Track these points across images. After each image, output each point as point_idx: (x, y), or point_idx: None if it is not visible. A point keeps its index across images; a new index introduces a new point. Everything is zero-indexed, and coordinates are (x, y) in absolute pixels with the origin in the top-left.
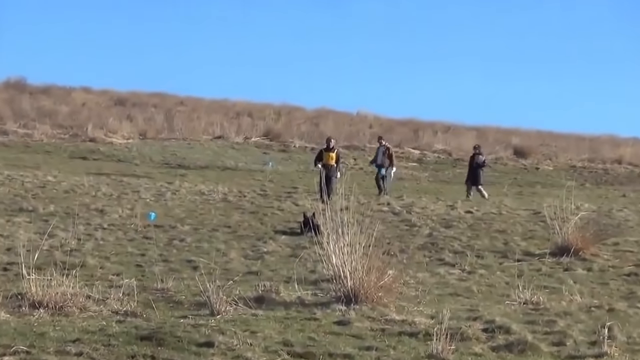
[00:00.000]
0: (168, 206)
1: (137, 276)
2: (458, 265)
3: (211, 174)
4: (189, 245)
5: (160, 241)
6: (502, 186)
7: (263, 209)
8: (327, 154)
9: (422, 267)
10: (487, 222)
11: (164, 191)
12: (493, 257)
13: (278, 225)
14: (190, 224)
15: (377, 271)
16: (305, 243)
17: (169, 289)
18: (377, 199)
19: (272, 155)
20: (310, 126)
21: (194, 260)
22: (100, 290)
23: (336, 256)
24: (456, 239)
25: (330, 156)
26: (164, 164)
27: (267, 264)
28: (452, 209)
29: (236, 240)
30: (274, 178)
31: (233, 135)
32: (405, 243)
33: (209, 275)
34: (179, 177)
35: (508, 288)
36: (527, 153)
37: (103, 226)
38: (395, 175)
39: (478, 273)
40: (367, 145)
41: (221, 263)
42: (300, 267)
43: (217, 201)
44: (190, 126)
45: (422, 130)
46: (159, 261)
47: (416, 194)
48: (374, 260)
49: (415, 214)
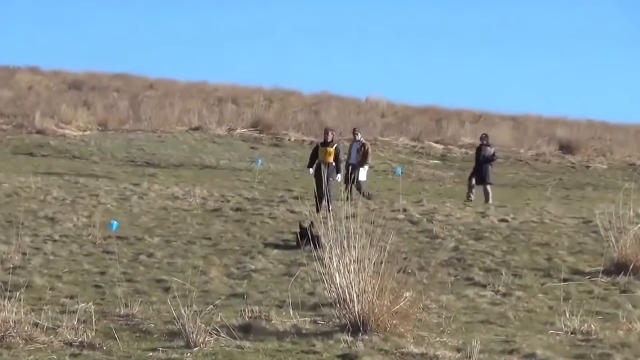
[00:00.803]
0: (134, 213)
1: (95, 299)
2: (491, 286)
3: (187, 174)
4: (159, 262)
5: (124, 257)
6: (544, 189)
7: (251, 216)
8: (325, 150)
9: (447, 289)
10: (527, 233)
11: (128, 195)
12: (534, 277)
13: (269, 237)
14: (161, 235)
15: (391, 293)
16: (302, 259)
17: (134, 315)
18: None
19: (262, 150)
20: (308, 115)
21: (165, 280)
22: (50, 316)
23: (341, 275)
24: (488, 254)
25: (328, 152)
26: (129, 162)
27: (256, 284)
28: (483, 216)
29: (218, 256)
30: (265, 179)
31: (214, 126)
32: (425, 259)
33: (184, 299)
34: (147, 177)
35: (552, 314)
36: (575, 148)
37: (54, 238)
38: (369, 175)
39: (515, 296)
40: (379, 139)
41: (199, 283)
42: (297, 288)
43: (194, 207)
44: (161, 115)
45: (447, 120)
46: (122, 281)
47: (439, 198)
48: (388, 280)
49: (438, 223)
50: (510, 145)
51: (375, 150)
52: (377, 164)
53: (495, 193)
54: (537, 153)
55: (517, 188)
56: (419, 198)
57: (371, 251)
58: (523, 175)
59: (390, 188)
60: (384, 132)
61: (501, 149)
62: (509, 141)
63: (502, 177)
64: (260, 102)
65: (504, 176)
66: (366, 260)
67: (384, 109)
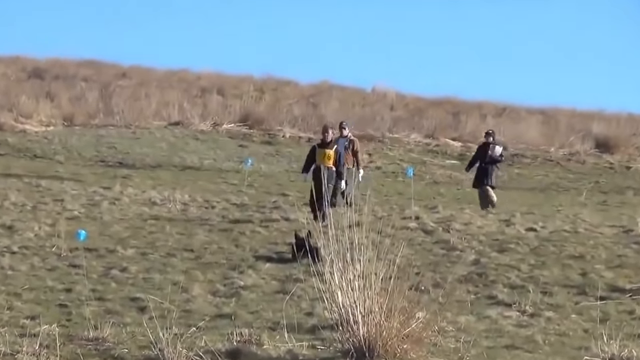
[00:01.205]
0: (104, 221)
1: (60, 320)
2: (516, 305)
3: (165, 176)
4: (133, 277)
5: (93, 271)
6: (578, 193)
7: (239, 225)
8: (323, 152)
9: (465, 308)
10: (558, 244)
11: (98, 200)
12: (566, 294)
13: (260, 249)
14: (136, 246)
15: (402, 314)
16: (298, 274)
17: (105, 338)
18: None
19: (251, 149)
20: (306, 108)
21: (140, 298)
22: (7, 340)
23: (343, 293)
24: (513, 268)
25: (327, 155)
26: (99, 162)
27: (245, 303)
28: (507, 225)
29: (201, 270)
30: (255, 181)
31: (196, 120)
32: (441, 274)
33: (162, 320)
34: (119, 179)
35: (587, 338)
36: (613, 146)
37: (12, 249)
38: (366, 179)
39: (544, 316)
40: (387, 135)
41: (180, 302)
42: (292, 307)
43: (173, 214)
44: (135, 108)
45: (465, 113)
46: (91, 299)
47: (457, 203)
48: (397, 298)
49: (455, 233)
50: (539, 142)
51: (383, 149)
52: (385, 164)
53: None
54: (570, 152)
55: (547, 192)
56: (434, 203)
57: (378, 265)
58: (553, 177)
59: (400, 192)
60: (393, 127)
61: (528, 147)
62: (537, 138)
63: (530, 179)
64: (249, 92)
65: (532, 178)
66: (372, 276)
67: (392, 100)
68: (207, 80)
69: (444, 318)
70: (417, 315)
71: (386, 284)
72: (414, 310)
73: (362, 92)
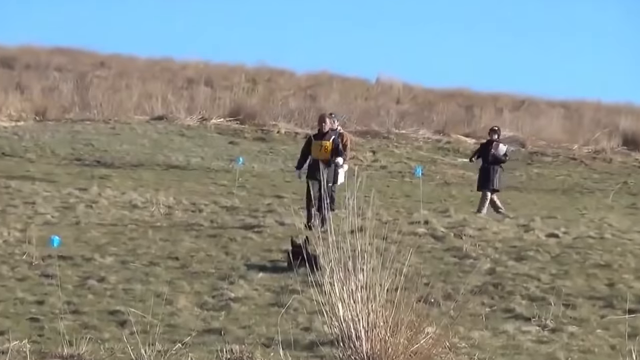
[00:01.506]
0: (80, 226)
1: (31, 336)
2: (536, 319)
3: (148, 176)
4: (112, 288)
5: (68, 281)
6: (604, 195)
7: (229, 230)
8: (318, 144)
9: (480, 323)
10: (582, 251)
11: (73, 202)
12: (590, 307)
13: (253, 257)
14: (116, 254)
15: (409, 329)
16: (295, 284)
17: (81, 355)
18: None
19: (243, 146)
20: (303, 101)
21: (120, 312)
22: None
23: (344, 305)
24: (533, 279)
25: (324, 147)
26: (74, 160)
27: (236, 316)
28: (526, 230)
29: (187, 280)
30: (247, 182)
31: (182, 114)
32: (452, 284)
33: (144, 335)
34: (97, 180)
35: (614, 355)
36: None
37: None
38: (349, 175)
39: (567, 331)
40: (393, 131)
41: (163, 316)
42: (288, 322)
43: (157, 218)
44: (115, 101)
45: (479, 106)
46: (65, 312)
47: (470, 206)
48: (404, 311)
49: (468, 239)
50: (561, 139)
51: (389, 146)
52: (390, 163)
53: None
54: (595, 149)
55: (570, 194)
56: (444, 206)
57: (383, 275)
58: (577, 177)
59: (408, 194)
60: (400, 122)
61: (549, 144)
62: (558, 134)
63: (551, 179)
64: (241, 83)
65: (553, 179)
66: (377, 286)
67: (399, 92)
68: (194, 70)
69: (455, 333)
70: (426, 330)
71: (392, 295)
72: (422, 324)
73: (365, 83)
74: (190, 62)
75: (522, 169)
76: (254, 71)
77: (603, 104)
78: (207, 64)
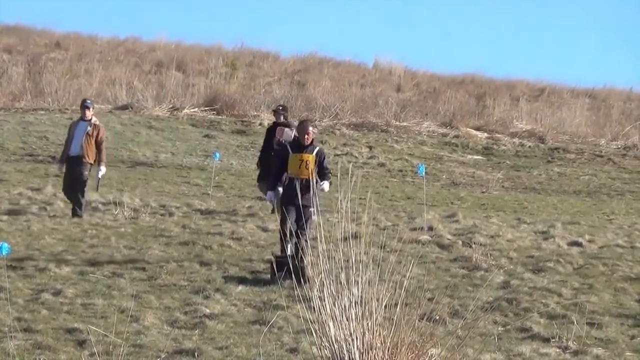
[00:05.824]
0: (32, 232)
1: None
2: (556, 339)
3: (111, 174)
4: (70, 303)
5: (18, 294)
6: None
7: (204, 237)
8: (298, 159)
9: (492, 343)
10: (609, 262)
11: (25, 204)
12: (618, 326)
13: (231, 268)
14: (73, 263)
15: (411, 351)
16: (279, 299)
17: None
18: (410, 225)
19: (220, 140)
20: (289, 87)
21: (79, 330)
22: None
23: (336, 323)
24: (553, 293)
25: (305, 162)
26: (26, 156)
27: (212, 336)
28: (545, 238)
29: (156, 294)
30: (225, 181)
31: (150, 103)
32: (460, 299)
33: (106, 356)
34: (52, 179)
35: None
36: None
37: None
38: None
39: (592, 354)
40: (392, 124)
41: (129, 335)
42: (271, 342)
43: (121, 223)
44: (72, 87)
45: (493, 96)
46: (15, 330)
47: (481, 210)
48: (405, 331)
49: (479, 248)
50: (586, 133)
51: (388, 141)
52: (390, 160)
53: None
54: (625, 145)
55: (595, 196)
56: (451, 210)
57: (381, 288)
58: (604, 177)
59: (410, 195)
60: (400, 113)
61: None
62: (583, 127)
63: (574, 180)
64: (218, 68)
65: (577, 179)
66: (374, 302)
67: (400, 79)
68: (164, 52)
69: (464, 356)
70: (430, 352)
71: (391, 312)
72: (426, 346)
73: (361, 67)
74: (159, 43)
75: (541, 167)
76: (233, 54)
77: (635, 92)
78: (179, 45)
